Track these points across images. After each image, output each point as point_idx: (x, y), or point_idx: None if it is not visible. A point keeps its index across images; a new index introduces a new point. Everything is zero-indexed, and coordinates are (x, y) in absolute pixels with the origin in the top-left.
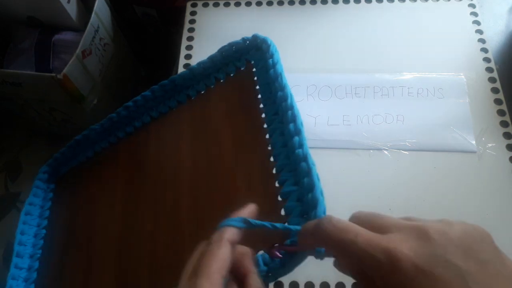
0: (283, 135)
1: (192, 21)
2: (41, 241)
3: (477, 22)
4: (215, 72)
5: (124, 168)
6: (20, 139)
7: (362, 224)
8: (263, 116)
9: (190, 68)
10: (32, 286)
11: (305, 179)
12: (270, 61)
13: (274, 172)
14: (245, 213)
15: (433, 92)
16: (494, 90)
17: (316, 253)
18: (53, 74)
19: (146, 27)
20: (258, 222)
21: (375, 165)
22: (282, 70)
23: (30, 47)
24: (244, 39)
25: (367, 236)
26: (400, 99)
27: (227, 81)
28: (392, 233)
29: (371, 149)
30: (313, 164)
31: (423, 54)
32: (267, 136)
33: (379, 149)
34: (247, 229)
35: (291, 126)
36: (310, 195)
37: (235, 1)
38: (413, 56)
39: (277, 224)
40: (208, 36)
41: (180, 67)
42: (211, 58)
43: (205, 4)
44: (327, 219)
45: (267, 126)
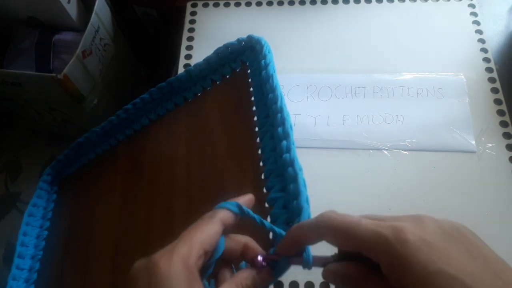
0: (273, 139)
1: (192, 21)
2: (43, 243)
3: (477, 22)
4: (211, 74)
5: (123, 170)
6: (20, 139)
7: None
8: (256, 119)
9: (187, 70)
10: (33, 287)
11: (291, 186)
12: (263, 63)
13: (263, 177)
14: (242, 200)
15: (433, 92)
16: (494, 90)
17: (304, 262)
18: (53, 74)
19: (146, 27)
20: (250, 212)
21: (375, 165)
22: (274, 71)
23: (30, 47)
24: (239, 40)
25: (371, 220)
26: (400, 99)
27: (223, 83)
28: (392, 218)
29: (371, 149)
30: (300, 170)
31: (423, 54)
32: (258, 140)
33: (379, 149)
34: (240, 217)
35: (280, 130)
36: (295, 202)
37: (235, 1)
38: (413, 56)
39: (265, 222)
40: (208, 36)
41: (180, 67)
42: (207, 60)
43: (205, 4)
44: (328, 211)
45: (259, 129)
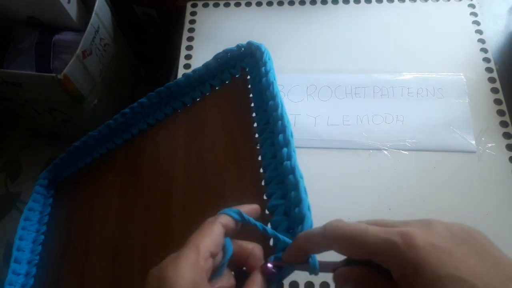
0: (273, 146)
1: (192, 21)
2: (39, 247)
3: (477, 22)
4: (211, 79)
5: (121, 175)
6: (20, 139)
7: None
8: (256, 125)
9: (186, 75)
10: None
11: (292, 193)
12: (263, 69)
13: (263, 184)
14: (246, 209)
15: (433, 92)
16: (494, 90)
17: (311, 269)
18: (53, 74)
19: (146, 27)
20: (251, 220)
21: (375, 165)
22: (275, 79)
23: (30, 47)
24: (239, 46)
25: (378, 227)
26: (400, 99)
27: (222, 89)
28: (400, 224)
29: (371, 149)
30: (301, 177)
31: (423, 54)
32: (258, 147)
33: (379, 149)
34: (241, 223)
35: (281, 137)
36: (297, 210)
37: (235, 1)
38: (413, 56)
39: (268, 228)
40: (208, 36)
41: (180, 67)
42: (206, 65)
43: (205, 4)
44: (335, 220)
45: (259, 136)
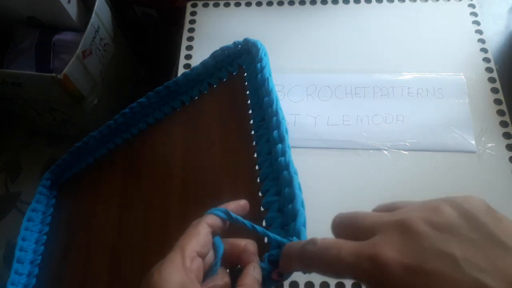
0: (269, 142)
1: (192, 21)
2: (42, 247)
3: (477, 22)
4: (208, 78)
5: (121, 174)
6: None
7: (346, 229)
8: (252, 122)
9: (184, 74)
10: None
11: (286, 189)
12: (259, 66)
13: (259, 181)
14: (232, 206)
15: (433, 92)
16: (494, 90)
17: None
18: (54, 74)
19: (146, 27)
20: (239, 218)
21: (375, 165)
22: (270, 75)
23: (30, 47)
24: (236, 44)
25: (350, 248)
26: (400, 99)
27: (220, 87)
28: (375, 235)
29: (371, 149)
30: (295, 173)
31: (423, 54)
32: (254, 143)
33: (379, 149)
34: (230, 223)
35: (275, 133)
36: (291, 206)
37: (235, 1)
38: (413, 56)
39: (257, 226)
40: (208, 36)
41: (180, 67)
42: (204, 64)
43: (205, 4)
44: (310, 242)
45: (254, 133)
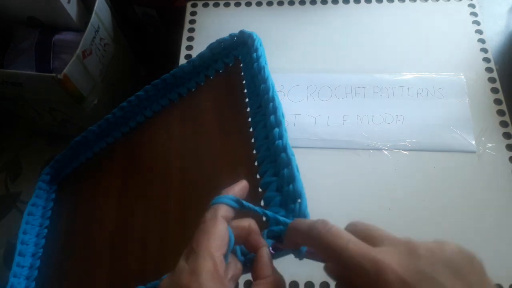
0: (266, 128)
1: (192, 21)
2: (43, 240)
3: (477, 22)
4: (205, 70)
5: (120, 167)
6: (20, 139)
7: (357, 234)
8: (249, 110)
9: (181, 67)
10: (33, 284)
11: (285, 170)
12: (254, 55)
13: (256, 164)
14: (237, 190)
15: (433, 92)
16: (494, 90)
17: (298, 253)
18: (54, 74)
19: (146, 27)
20: (251, 206)
21: (375, 165)
22: (266, 63)
23: (31, 47)
24: (232, 35)
25: (358, 245)
26: (400, 99)
27: (216, 78)
28: (384, 246)
29: (371, 149)
30: (293, 155)
31: (423, 54)
32: (251, 130)
33: (379, 149)
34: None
35: (272, 118)
36: (292, 187)
37: (235, 1)
38: (413, 56)
39: (268, 212)
40: (208, 36)
41: None
42: (201, 56)
43: (205, 4)
44: (322, 222)
45: (251, 120)
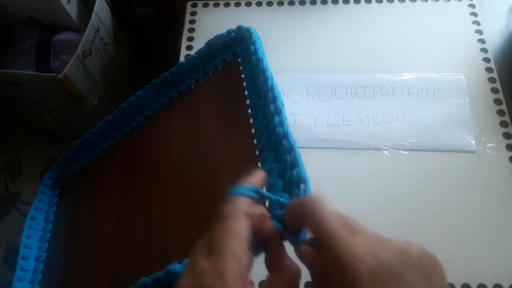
0: (266, 117)
1: (192, 21)
2: (46, 244)
3: (477, 22)
4: (204, 66)
5: (122, 168)
6: (20, 139)
7: (338, 218)
8: (248, 102)
9: (179, 64)
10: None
11: (288, 156)
12: (252, 48)
13: (257, 154)
14: (255, 181)
15: (433, 92)
16: (494, 90)
17: (293, 239)
18: (54, 74)
19: (146, 27)
20: (269, 195)
21: (375, 165)
22: (264, 55)
23: (31, 47)
24: (229, 31)
25: (342, 233)
26: (400, 99)
27: (215, 74)
28: (360, 238)
29: (371, 149)
30: (295, 142)
31: (423, 54)
32: (251, 120)
33: (379, 149)
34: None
35: (272, 107)
36: (295, 172)
37: (235, 1)
38: (413, 56)
39: (281, 199)
40: (208, 36)
41: None
42: (199, 53)
43: (205, 4)
44: (316, 193)
45: (251, 111)
